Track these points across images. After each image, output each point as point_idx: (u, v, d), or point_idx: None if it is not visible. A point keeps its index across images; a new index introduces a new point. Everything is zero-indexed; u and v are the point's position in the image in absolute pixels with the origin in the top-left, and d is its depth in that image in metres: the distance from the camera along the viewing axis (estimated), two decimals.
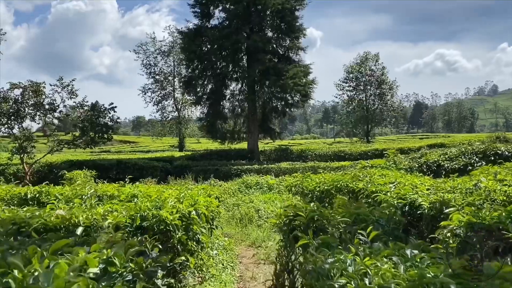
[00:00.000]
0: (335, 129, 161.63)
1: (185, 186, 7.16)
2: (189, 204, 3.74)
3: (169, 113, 45.58)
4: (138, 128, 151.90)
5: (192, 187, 6.85)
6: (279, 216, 3.37)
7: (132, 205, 3.59)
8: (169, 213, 3.29)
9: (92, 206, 3.84)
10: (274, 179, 12.88)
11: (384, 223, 3.18)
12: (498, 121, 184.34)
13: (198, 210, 3.70)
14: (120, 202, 3.90)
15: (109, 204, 3.75)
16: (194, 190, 5.36)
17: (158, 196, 4.12)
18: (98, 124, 22.59)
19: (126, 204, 3.74)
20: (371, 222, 3.02)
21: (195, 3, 26.17)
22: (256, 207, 9.13)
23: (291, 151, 25.56)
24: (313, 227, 2.93)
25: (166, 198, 3.95)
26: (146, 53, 43.48)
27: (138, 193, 4.55)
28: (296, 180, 8.50)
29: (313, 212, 3.04)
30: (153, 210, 3.36)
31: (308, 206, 3.20)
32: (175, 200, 3.83)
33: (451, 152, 12.21)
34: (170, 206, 3.44)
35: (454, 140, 25.25)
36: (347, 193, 7.54)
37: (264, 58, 24.27)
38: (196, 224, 3.47)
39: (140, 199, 4.15)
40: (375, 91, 48.39)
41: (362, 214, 3.13)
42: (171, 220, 3.21)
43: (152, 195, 4.19)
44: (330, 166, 19.98)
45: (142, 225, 3.15)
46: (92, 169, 23.10)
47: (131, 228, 3.08)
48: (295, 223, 3.07)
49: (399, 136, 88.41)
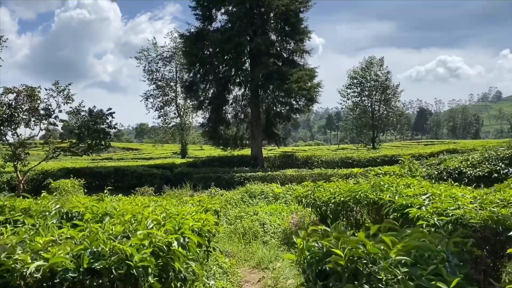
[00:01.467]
0: (338, 135, 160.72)
1: (179, 198, 6.20)
2: (172, 230, 2.77)
3: (171, 119, 44.84)
4: (141, 135, 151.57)
5: (187, 198, 5.88)
6: (301, 251, 2.35)
7: (96, 229, 2.63)
8: (139, 246, 2.31)
9: (49, 229, 2.90)
10: (280, 188, 11.88)
11: (453, 257, 2.18)
12: (503, 127, 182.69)
13: (185, 237, 2.73)
14: (84, 224, 2.94)
15: (66, 227, 2.79)
16: (186, 206, 4.40)
17: (135, 216, 3.15)
18: (96, 130, 21.68)
19: (93, 227, 2.78)
20: (439, 260, 2.04)
21: (196, 5, 25.36)
22: (261, 220, 8.13)
23: (296, 158, 24.55)
24: (351, 269, 1.95)
25: (145, 218, 2.98)
26: (148, 59, 42.86)
27: (112, 210, 3.58)
28: (306, 190, 7.51)
29: (356, 248, 2.04)
30: (117, 240, 2.36)
31: (346, 237, 2.18)
32: (155, 222, 2.86)
33: (473, 158, 11.19)
34: (142, 234, 2.45)
35: (466, 146, 24.18)
36: (367, 206, 6.56)
37: (267, 61, 23.37)
38: (178, 261, 2.48)
39: (110, 220, 3.19)
40: (381, 96, 47.40)
41: (425, 248, 2.13)
42: (138, 260, 2.20)
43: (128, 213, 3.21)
44: (338, 173, 18.96)
45: (94, 268, 2.16)
46: (88, 177, 22.38)
47: (75, 274, 2.09)
48: (328, 266, 2.08)
49: (404, 143, 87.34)
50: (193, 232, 3.24)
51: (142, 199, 5.37)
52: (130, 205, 4.44)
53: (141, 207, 3.82)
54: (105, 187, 8.43)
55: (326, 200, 6.66)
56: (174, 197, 7.51)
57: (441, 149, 23.00)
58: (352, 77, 47.53)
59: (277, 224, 8.01)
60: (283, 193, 11.49)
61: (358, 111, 48.98)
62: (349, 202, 6.46)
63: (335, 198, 6.56)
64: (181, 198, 5.93)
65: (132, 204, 4.71)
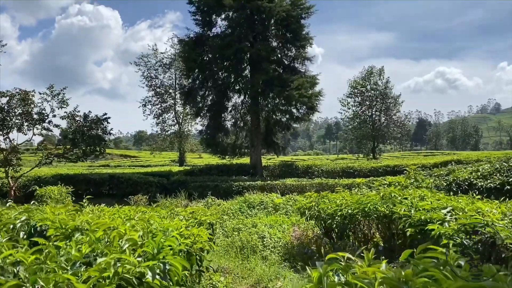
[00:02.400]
0: (337, 145, 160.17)
1: (171, 208, 5.61)
2: (150, 253, 2.20)
3: (169, 127, 44.31)
4: (139, 142, 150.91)
5: (179, 210, 5.31)
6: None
7: (57, 249, 2.05)
8: (96, 281, 1.73)
9: None
10: (280, 198, 11.27)
11: None
12: (502, 139, 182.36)
13: (166, 263, 2.14)
14: (47, 243, 2.37)
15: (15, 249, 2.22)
16: (175, 220, 3.83)
17: (111, 231, 2.58)
18: (90, 135, 21.14)
19: (51, 248, 2.21)
20: None
21: (196, 10, 24.95)
22: (260, 232, 7.52)
23: (296, 167, 23.95)
24: None
25: (119, 236, 2.39)
26: (147, 65, 42.47)
27: (84, 225, 3.00)
28: (310, 201, 6.92)
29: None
30: (75, 268, 1.79)
31: (382, 272, 1.60)
32: (130, 242, 2.29)
33: (484, 169, 10.63)
34: (105, 262, 1.87)
35: (470, 157, 23.61)
36: (377, 220, 5.98)
37: (268, 67, 22.88)
38: None
39: (79, 238, 2.61)
40: (381, 106, 47.01)
41: None
42: None
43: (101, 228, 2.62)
44: (340, 183, 18.36)
45: None
46: (82, 184, 21.75)
47: None
48: None
49: (403, 153, 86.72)
50: (180, 253, 2.67)
51: (127, 210, 4.79)
52: (111, 217, 3.87)
53: (121, 221, 3.24)
54: (100, 194, 7.76)
55: (332, 212, 6.08)
56: (165, 207, 6.93)
57: (444, 160, 22.45)
58: (353, 86, 47.16)
59: (277, 237, 7.40)
60: (283, 203, 10.88)
61: (358, 120, 48.59)
62: (357, 215, 5.89)
63: (341, 210, 5.99)
64: (172, 208, 5.36)
65: (114, 216, 4.13)
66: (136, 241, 2.33)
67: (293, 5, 24.31)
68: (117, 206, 5.60)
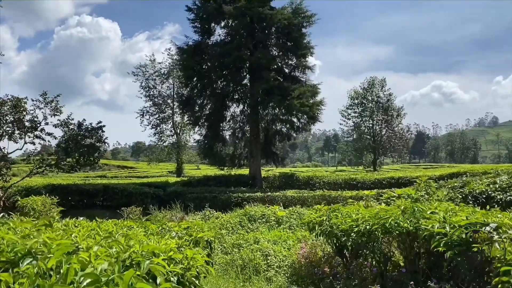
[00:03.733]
0: (336, 157, 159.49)
1: (162, 222, 4.86)
2: None
3: (167, 137, 43.66)
4: (137, 153, 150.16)
5: (172, 224, 4.56)
6: None
7: None
8: None
9: None
10: (283, 211, 10.50)
11: None
12: (501, 153, 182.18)
13: None
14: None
15: None
16: (164, 240, 3.10)
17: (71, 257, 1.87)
18: (84, 144, 20.37)
19: None
20: None
21: (195, 18, 24.41)
22: (263, 249, 6.75)
23: (297, 178, 23.18)
24: None
25: (78, 266, 1.69)
26: (145, 75, 41.92)
27: (40, 247, 2.27)
28: (319, 215, 6.17)
29: None
30: None
31: None
32: (90, 279, 1.58)
33: (502, 180, 9.93)
34: None
35: (475, 169, 22.91)
36: (399, 236, 5.24)
37: (268, 76, 22.26)
38: None
39: (26, 267, 1.90)
40: (382, 117, 46.48)
41: None
42: None
43: (57, 253, 1.90)
44: (343, 196, 17.64)
45: None
46: (75, 195, 20.92)
47: None
48: None
49: (403, 166, 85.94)
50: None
51: (111, 225, 4.05)
52: (86, 235, 3.13)
53: (94, 242, 2.51)
54: (93, 205, 6.95)
55: (346, 228, 5.33)
56: (157, 221, 6.16)
57: (449, 172, 21.78)
58: (353, 97, 46.68)
59: (282, 255, 6.63)
60: (286, 216, 10.11)
61: (358, 132, 48.07)
62: (375, 231, 5.14)
63: (358, 226, 5.24)
64: (164, 223, 4.61)
65: (92, 232, 3.39)
66: (97, 278, 1.60)
67: (295, 13, 23.85)
68: (109, 218, 4.88)
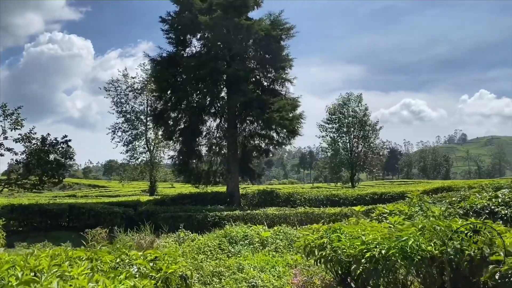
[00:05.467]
0: (312, 174, 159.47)
1: (123, 250, 3.72)
2: None
3: (140, 155, 41.96)
4: (109, 172, 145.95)
5: (134, 254, 3.44)
6: None
7: None
8: None
9: None
10: (268, 231, 9.39)
11: None
12: (471, 169, 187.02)
13: None
14: None
15: None
16: None
17: None
18: (48, 161, 18.81)
19: None
20: None
21: (169, 28, 23.40)
22: (249, 279, 5.63)
23: (277, 195, 22.12)
24: None
25: None
26: (117, 90, 40.39)
27: None
28: (318, 236, 5.12)
29: None
30: None
31: None
32: None
33: (504, 194, 9.17)
34: None
35: (457, 184, 22.53)
36: (422, 262, 4.25)
37: (246, 88, 21.37)
38: None
39: None
40: (359, 133, 46.36)
41: None
42: None
43: None
44: (326, 212, 16.76)
45: None
46: (37, 216, 19.16)
47: None
48: None
49: (377, 182, 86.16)
50: None
51: (44, 259, 2.88)
52: None
53: None
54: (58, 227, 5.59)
55: (355, 253, 4.31)
56: (116, 250, 4.98)
57: (433, 187, 21.26)
58: (331, 112, 46.46)
59: (273, 286, 5.52)
60: (271, 237, 9.01)
61: (335, 148, 47.73)
62: (392, 257, 4.13)
63: (370, 250, 4.23)
64: (123, 252, 3.49)
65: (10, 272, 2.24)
66: None
67: (273, 25, 23.21)
68: (74, 240, 3.70)
